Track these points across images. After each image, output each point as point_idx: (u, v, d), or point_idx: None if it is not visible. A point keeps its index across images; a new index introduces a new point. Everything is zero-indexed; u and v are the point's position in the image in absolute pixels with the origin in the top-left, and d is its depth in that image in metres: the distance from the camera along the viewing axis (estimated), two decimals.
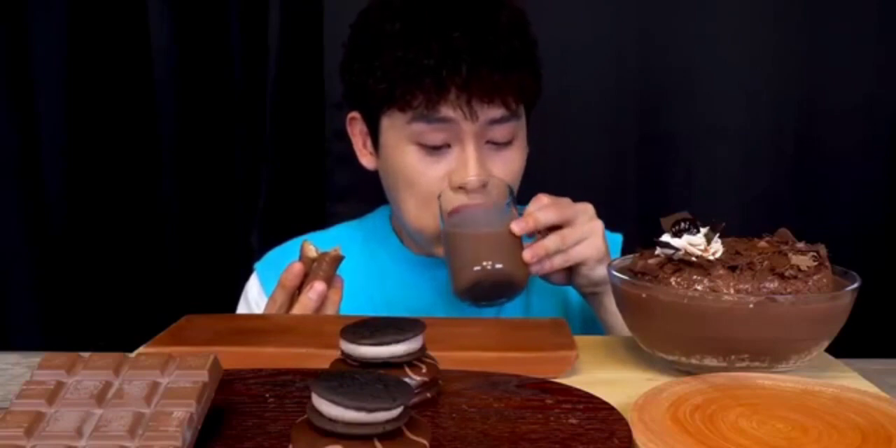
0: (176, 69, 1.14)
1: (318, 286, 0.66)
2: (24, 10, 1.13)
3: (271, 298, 0.69)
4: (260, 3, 1.11)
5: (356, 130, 0.84)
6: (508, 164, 0.78)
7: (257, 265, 0.91)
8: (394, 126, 0.77)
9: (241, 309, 0.90)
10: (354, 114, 0.83)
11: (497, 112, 0.75)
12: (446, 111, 0.73)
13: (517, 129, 0.78)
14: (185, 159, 1.17)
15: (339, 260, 0.68)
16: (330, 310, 0.67)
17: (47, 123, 1.16)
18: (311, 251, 0.69)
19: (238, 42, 1.14)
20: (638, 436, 0.39)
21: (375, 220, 0.92)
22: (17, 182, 1.17)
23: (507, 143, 0.78)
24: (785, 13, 1.09)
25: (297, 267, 0.68)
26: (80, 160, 1.17)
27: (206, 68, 1.15)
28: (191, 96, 1.15)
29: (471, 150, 0.75)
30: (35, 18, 1.14)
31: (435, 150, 0.76)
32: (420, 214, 0.79)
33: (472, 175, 0.74)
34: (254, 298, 0.88)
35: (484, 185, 0.75)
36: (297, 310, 0.66)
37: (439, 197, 0.74)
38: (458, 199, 0.74)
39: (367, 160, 0.84)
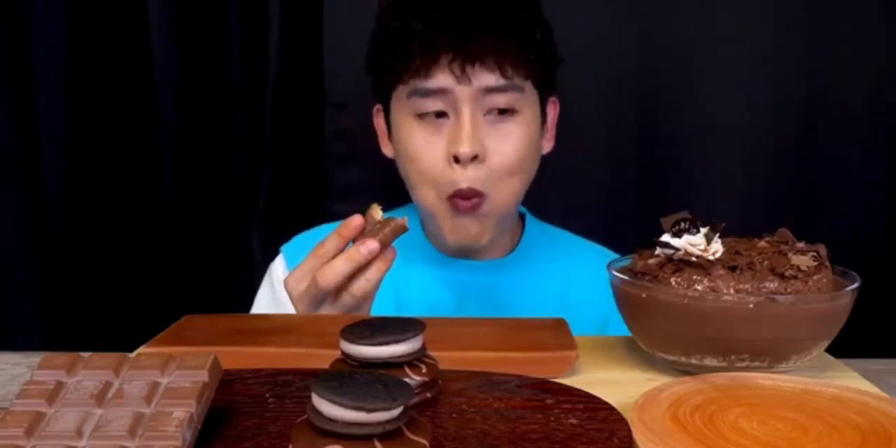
0: (176, 69, 1.14)
1: (372, 244, 0.64)
2: (24, 10, 1.13)
3: (320, 244, 0.66)
4: (260, 3, 1.11)
5: (380, 122, 0.86)
6: (506, 140, 0.78)
7: (284, 247, 0.91)
8: (399, 103, 0.79)
9: (265, 289, 0.90)
10: (378, 106, 0.86)
11: (491, 78, 0.75)
12: (439, 79, 0.75)
13: (520, 102, 0.78)
14: (185, 159, 1.17)
15: (402, 229, 0.66)
16: (373, 275, 0.64)
17: (47, 123, 1.16)
18: (378, 213, 0.66)
19: (238, 42, 1.14)
20: (638, 436, 0.39)
21: (402, 214, 0.92)
22: (17, 182, 1.17)
23: (507, 115, 0.78)
24: (785, 13, 1.09)
25: (359, 220, 0.65)
26: (80, 160, 1.17)
27: (206, 68, 1.15)
28: (191, 96, 1.15)
29: (466, 117, 0.76)
30: (35, 18, 1.14)
31: (434, 120, 0.77)
32: (426, 191, 0.79)
33: (465, 144, 0.75)
34: (278, 278, 0.88)
35: (476, 157, 0.76)
36: (343, 259, 0.63)
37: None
38: (453, 180, 0.76)
39: (387, 149, 0.86)
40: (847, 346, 0.57)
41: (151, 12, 1.12)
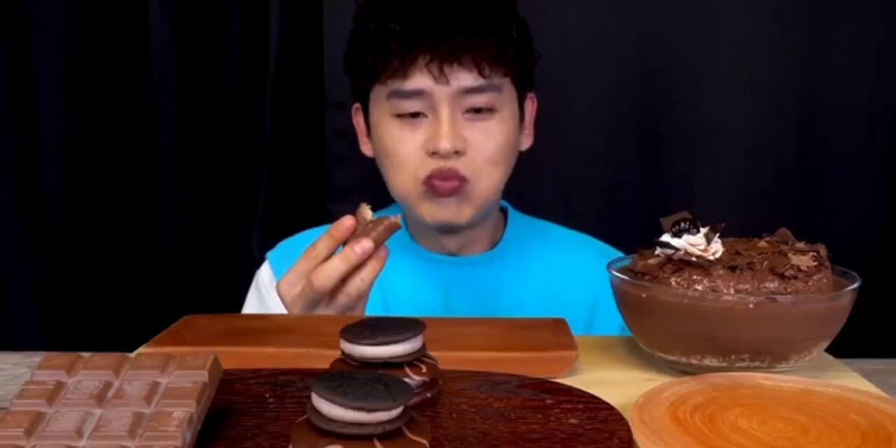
0: (176, 69, 1.14)
1: (366, 243, 0.63)
2: (24, 11, 1.14)
3: (311, 247, 0.65)
4: (260, 4, 1.11)
5: (359, 121, 0.87)
6: (486, 136, 0.78)
7: (270, 254, 0.92)
8: (378, 103, 0.80)
9: (252, 296, 0.90)
10: (357, 105, 0.86)
11: (469, 78, 0.76)
12: (417, 80, 0.75)
13: (499, 101, 0.78)
14: (185, 159, 1.17)
15: (395, 227, 0.66)
16: (368, 274, 0.64)
17: (47, 123, 1.16)
18: (368, 213, 0.66)
19: (238, 42, 1.14)
20: (638, 436, 0.39)
21: (388, 214, 0.93)
22: (18, 183, 1.17)
23: (486, 113, 0.78)
24: (786, 12, 1.09)
25: (350, 221, 0.65)
26: (80, 160, 1.17)
27: (206, 68, 1.15)
28: (191, 96, 1.15)
29: (444, 116, 0.76)
30: (35, 18, 1.14)
31: (412, 119, 0.78)
32: (403, 182, 0.80)
33: (445, 140, 0.75)
34: (264, 285, 0.89)
35: (457, 152, 0.76)
36: (338, 260, 0.63)
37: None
38: (431, 166, 0.76)
39: (366, 147, 0.87)
40: (847, 346, 0.57)
41: (151, 12, 1.12)
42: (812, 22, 1.09)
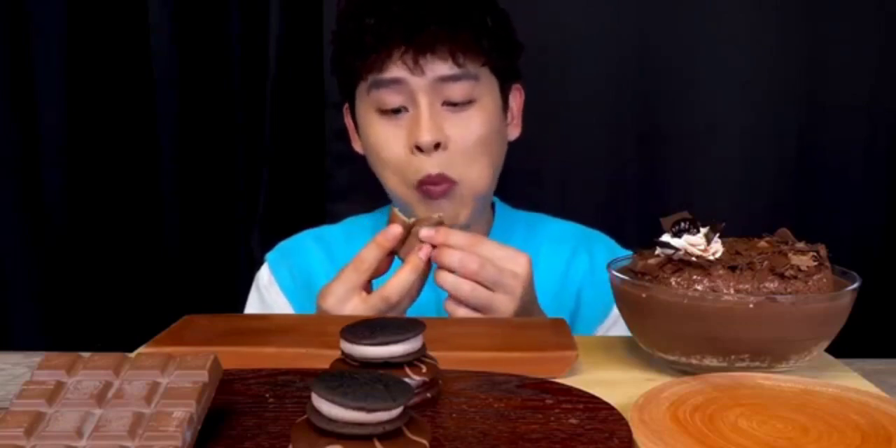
0: (176, 69, 1.14)
1: (427, 248, 0.66)
2: (24, 11, 1.14)
3: (358, 259, 0.66)
4: (260, 4, 1.11)
5: (349, 119, 0.87)
6: (466, 126, 0.78)
7: (269, 255, 0.92)
8: (362, 99, 0.80)
9: (253, 297, 0.91)
10: (347, 104, 0.87)
11: (444, 67, 0.76)
12: (394, 71, 0.76)
13: (477, 91, 0.79)
14: (185, 159, 1.17)
15: (441, 224, 0.67)
16: (426, 272, 0.67)
17: (47, 123, 1.16)
18: (404, 217, 0.67)
19: (238, 42, 1.14)
20: (638, 436, 0.39)
21: (385, 212, 0.93)
22: (18, 183, 1.17)
23: (464, 105, 0.78)
24: (786, 12, 1.09)
25: (398, 229, 0.67)
26: (80, 160, 1.17)
27: (206, 68, 1.15)
28: (191, 96, 1.15)
29: (423, 108, 0.77)
30: (35, 18, 1.14)
31: (394, 114, 0.78)
32: (395, 181, 0.80)
33: (425, 132, 0.76)
34: (264, 285, 0.90)
35: (438, 146, 0.76)
36: (409, 272, 0.65)
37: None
38: (419, 170, 0.77)
39: (357, 145, 0.88)
40: (847, 346, 0.57)
41: (151, 12, 1.12)
42: (812, 22, 1.09)
